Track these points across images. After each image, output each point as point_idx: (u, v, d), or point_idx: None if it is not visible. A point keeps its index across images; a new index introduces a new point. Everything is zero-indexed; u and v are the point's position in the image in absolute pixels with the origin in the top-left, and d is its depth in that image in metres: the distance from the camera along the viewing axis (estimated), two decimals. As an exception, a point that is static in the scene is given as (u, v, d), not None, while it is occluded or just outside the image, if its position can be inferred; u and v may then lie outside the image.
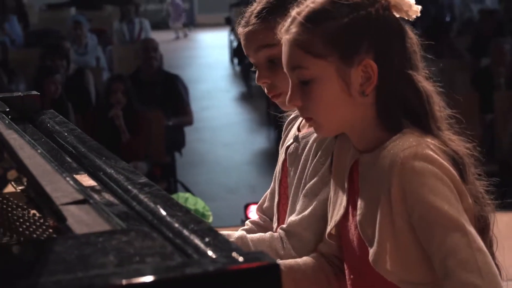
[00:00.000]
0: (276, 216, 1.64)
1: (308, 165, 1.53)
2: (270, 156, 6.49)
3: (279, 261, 0.83)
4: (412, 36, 1.37)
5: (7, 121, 1.57)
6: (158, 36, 9.00)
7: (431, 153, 1.27)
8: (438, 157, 1.27)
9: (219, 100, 8.69)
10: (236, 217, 4.00)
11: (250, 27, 1.55)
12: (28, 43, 7.99)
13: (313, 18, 1.33)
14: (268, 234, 1.55)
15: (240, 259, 0.81)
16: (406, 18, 1.36)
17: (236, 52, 9.99)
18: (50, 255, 0.87)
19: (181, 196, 3.72)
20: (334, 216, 1.42)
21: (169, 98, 5.51)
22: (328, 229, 1.44)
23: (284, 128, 1.71)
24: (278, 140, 7.14)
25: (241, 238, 1.52)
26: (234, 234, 1.55)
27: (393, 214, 1.28)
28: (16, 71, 6.16)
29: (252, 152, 6.72)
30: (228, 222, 3.68)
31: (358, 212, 1.35)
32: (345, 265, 1.45)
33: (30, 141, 1.39)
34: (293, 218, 1.52)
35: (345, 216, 1.40)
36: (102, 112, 5.06)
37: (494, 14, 7.52)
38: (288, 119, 1.70)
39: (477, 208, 1.32)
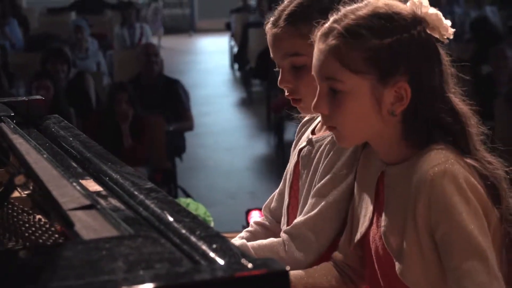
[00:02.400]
0: (286, 218, 1.63)
1: (319, 168, 1.54)
2: (270, 162, 6.49)
3: (288, 268, 0.83)
4: (445, 57, 1.37)
5: (12, 126, 1.57)
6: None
7: (460, 170, 1.27)
8: (466, 175, 1.27)
9: (219, 105, 8.69)
10: (237, 223, 3.99)
11: (279, 30, 1.53)
12: (29, 47, 7.98)
13: (355, 33, 1.31)
14: (269, 239, 1.54)
15: (250, 265, 0.81)
16: (439, 39, 1.36)
17: (237, 58, 9.99)
18: (59, 260, 0.87)
19: (182, 202, 3.72)
20: (360, 228, 1.42)
21: (169, 103, 5.51)
22: (356, 239, 1.44)
23: (297, 130, 1.71)
24: (278, 145, 7.12)
25: (241, 246, 1.51)
26: (233, 243, 1.55)
27: (418, 229, 1.28)
28: (16, 75, 6.16)
29: (252, 157, 6.72)
30: (229, 227, 3.67)
31: (383, 223, 1.35)
32: (366, 275, 1.44)
33: (36, 146, 1.39)
34: (298, 219, 1.52)
35: (369, 226, 1.40)
36: (102, 118, 5.06)
37: (493, 21, 7.53)
38: (302, 121, 1.71)
39: (506, 224, 1.31)
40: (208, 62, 11.64)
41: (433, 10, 1.35)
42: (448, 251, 1.26)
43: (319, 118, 1.63)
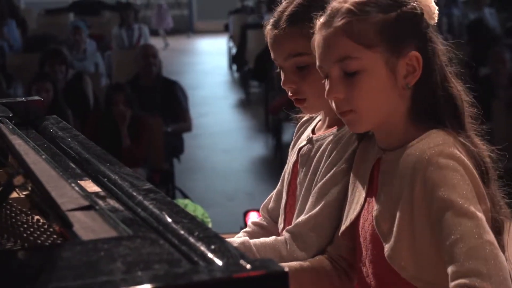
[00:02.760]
0: (283, 217, 1.64)
1: (320, 167, 1.54)
2: (268, 163, 6.50)
3: (287, 270, 0.83)
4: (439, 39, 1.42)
5: (10, 126, 1.57)
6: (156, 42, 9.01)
7: (457, 151, 1.30)
8: (462, 157, 1.30)
9: (217, 106, 8.69)
10: (235, 224, 3.99)
11: (280, 32, 1.53)
12: (27, 48, 7.98)
13: (363, 9, 1.35)
14: (272, 238, 1.55)
15: (248, 266, 0.82)
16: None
17: (235, 59, 10.00)
18: (58, 261, 0.87)
19: (180, 203, 3.72)
20: (350, 215, 1.44)
21: (168, 104, 5.51)
22: (343, 227, 1.45)
23: (296, 130, 1.71)
24: (276, 147, 7.12)
25: (243, 243, 1.52)
26: (236, 240, 1.55)
27: (414, 211, 1.30)
28: (14, 76, 6.16)
29: (250, 158, 6.72)
30: (227, 229, 3.67)
31: (375, 207, 1.37)
32: (357, 265, 1.45)
33: (35, 147, 1.39)
34: (300, 218, 1.53)
35: (360, 214, 1.42)
36: (100, 119, 5.06)
37: (491, 23, 7.55)
38: (301, 121, 1.71)
39: (494, 211, 1.34)
40: (207, 63, 11.65)
41: None
42: (440, 222, 1.26)
43: (319, 117, 1.64)
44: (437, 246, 1.28)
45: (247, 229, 1.72)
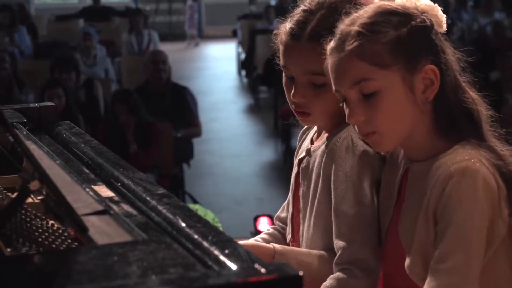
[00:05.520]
0: (290, 228, 1.63)
1: (319, 180, 1.51)
2: (277, 168, 6.49)
3: (302, 274, 0.83)
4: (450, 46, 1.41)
5: (24, 132, 1.59)
6: (165, 48, 9.04)
7: (482, 169, 1.29)
8: (486, 176, 1.29)
9: (226, 112, 8.70)
10: (245, 229, 4.00)
11: (300, 45, 1.46)
12: (37, 54, 8.03)
13: (373, 29, 1.33)
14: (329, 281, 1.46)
15: (263, 270, 0.82)
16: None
17: (244, 64, 10.01)
18: (73, 265, 0.88)
19: (191, 208, 3.72)
20: (382, 225, 1.44)
21: (177, 110, 5.52)
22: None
23: (299, 137, 1.68)
24: (285, 152, 7.10)
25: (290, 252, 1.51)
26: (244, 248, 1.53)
27: (429, 221, 1.31)
28: (25, 82, 6.19)
29: (259, 164, 6.72)
30: (237, 233, 3.67)
31: (401, 220, 1.37)
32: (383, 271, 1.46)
33: (49, 152, 1.40)
34: (343, 247, 1.44)
35: (392, 223, 1.42)
36: (110, 124, 5.08)
37: (502, 27, 7.52)
38: (302, 129, 1.67)
39: None
40: (216, 68, 11.67)
41: (427, 2, 1.39)
42: (440, 240, 1.28)
43: (315, 128, 1.61)
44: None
45: (268, 231, 1.70)
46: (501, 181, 1.31)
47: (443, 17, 1.39)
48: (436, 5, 1.39)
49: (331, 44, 1.37)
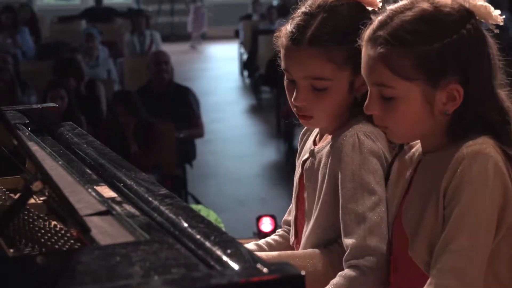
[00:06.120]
0: (294, 230, 1.62)
1: (325, 181, 1.50)
2: (280, 169, 6.49)
3: (304, 273, 0.83)
4: (494, 47, 1.36)
5: (27, 133, 1.59)
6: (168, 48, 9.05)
7: (493, 154, 1.29)
8: (498, 161, 1.29)
9: (229, 112, 8.71)
10: (248, 229, 4.00)
11: (301, 49, 1.44)
12: (40, 55, 8.04)
13: (402, 39, 1.30)
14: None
15: (265, 270, 0.82)
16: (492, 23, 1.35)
17: (246, 65, 10.01)
18: (76, 265, 0.88)
19: (193, 208, 3.72)
20: (389, 219, 1.44)
21: (180, 110, 5.53)
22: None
23: (299, 139, 1.67)
24: (288, 152, 7.09)
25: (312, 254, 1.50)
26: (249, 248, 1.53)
27: (439, 203, 1.31)
28: (28, 83, 6.20)
29: (262, 164, 6.72)
30: (240, 234, 3.67)
31: (406, 207, 1.38)
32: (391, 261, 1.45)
33: (51, 153, 1.41)
34: (354, 244, 1.43)
35: (398, 216, 1.42)
36: (111, 125, 5.08)
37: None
38: (303, 130, 1.66)
39: None
40: (218, 69, 11.67)
41: (481, 2, 1.34)
42: (447, 222, 1.28)
43: (317, 129, 1.60)
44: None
45: (278, 233, 1.70)
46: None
47: (497, 15, 1.34)
48: (489, 5, 1.34)
49: (367, 32, 1.35)
